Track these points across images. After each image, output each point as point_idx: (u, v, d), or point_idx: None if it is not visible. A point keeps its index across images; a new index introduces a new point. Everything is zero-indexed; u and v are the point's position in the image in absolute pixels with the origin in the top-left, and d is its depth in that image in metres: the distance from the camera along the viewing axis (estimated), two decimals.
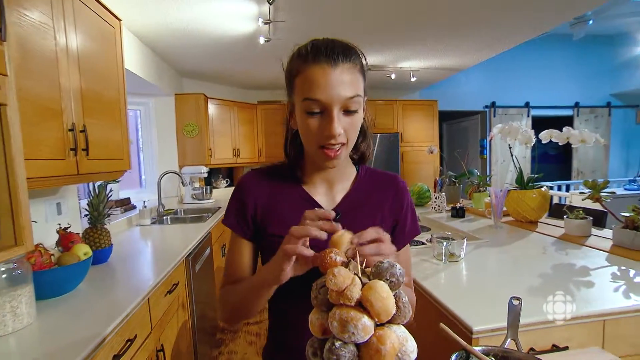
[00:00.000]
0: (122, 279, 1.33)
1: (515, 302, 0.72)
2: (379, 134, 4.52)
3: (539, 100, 5.51)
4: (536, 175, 2.12)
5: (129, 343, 1.01)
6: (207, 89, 4.02)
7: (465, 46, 3.14)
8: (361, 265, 0.38)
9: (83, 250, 1.16)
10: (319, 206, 0.67)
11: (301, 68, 0.59)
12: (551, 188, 5.15)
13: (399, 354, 0.34)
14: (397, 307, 0.35)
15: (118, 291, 1.20)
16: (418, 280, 1.19)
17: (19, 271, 0.98)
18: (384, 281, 0.34)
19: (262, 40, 2.50)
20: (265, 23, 2.27)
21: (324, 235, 0.45)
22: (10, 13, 1.00)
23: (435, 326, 1.05)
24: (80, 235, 1.30)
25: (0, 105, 0.85)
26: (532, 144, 2.04)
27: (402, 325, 0.36)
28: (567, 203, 3.38)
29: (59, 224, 1.25)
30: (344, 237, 0.43)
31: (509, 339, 0.64)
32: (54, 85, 1.17)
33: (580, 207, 1.83)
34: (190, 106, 3.60)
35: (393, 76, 3.80)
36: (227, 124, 4.05)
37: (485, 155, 5.47)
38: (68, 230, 1.23)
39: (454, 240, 1.43)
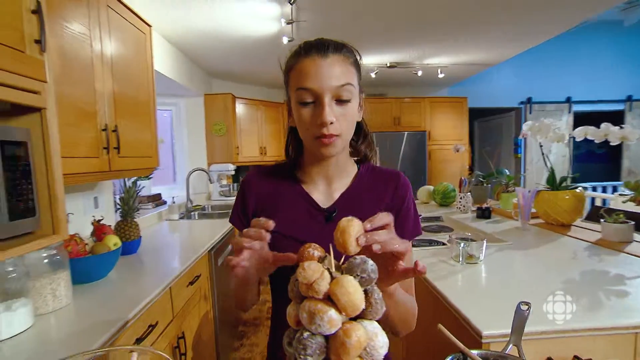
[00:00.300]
0: (148, 269, 1.43)
1: (524, 307, 0.69)
2: (405, 132, 4.43)
3: (583, 94, 5.12)
4: (571, 175, 2.00)
5: (150, 328, 1.09)
6: (235, 88, 4.15)
7: (496, 40, 3.00)
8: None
9: (113, 241, 1.26)
10: (316, 204, 0.68)
11: (294, 63, 0.62)
12: (594, 189, 4.79)
13: (367, 349, 0.35)
14: (369, 303, 0.36)
15: (143, 280, 1.29)
16: (431, 281, 1.17)
17: (58, 257, 1.08)
18: (354, 277, 0.35)
19: (285, 40, 2.54)
20: (288, 23, 2.31)
21: (255, 245, 0.48)
22: (54, 26, 1.11)
23: (447, 328, 1.03)
24: (112, 227, 1.41)
25: (40, 109, 0.95)
26: (565, 142, 1.92)
27: (375, 321, 0.37)
28: (608, 206, 3.13)
29: (94, 216, 1.36)
30: (352, 223, 0.40)
31: (510, 345, 0.62)
32: (89, 90, 1.27)
33: (621, 210, 1.69)
34: (218, 106, 3.74)
35: (420, 73, 3.70)
36: (254, 123, 4.17)
37: (519, 154, 5.19)
38: (101, 222, 1.34)
39: (473, 241, 1.39)
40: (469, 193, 2.37)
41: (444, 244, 1.64)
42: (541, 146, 2.11)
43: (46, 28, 0.93)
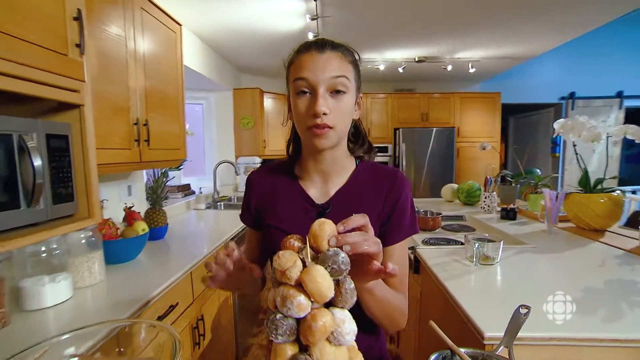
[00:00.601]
0: (173, 254, 1.54)
1: (522, 311, 0.68)
2: (434, 128, 4.32)
3: (636, 88, 4.67)
4: (609, 177, 1.87)
5: (171, 308, 1.18)
6: (263, 83, 4.25)
7: (534, 32, 2.83)
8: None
9: (141, 227, 1.37)
10: (311, 200, 0.71)
11: (294, 58, 0.66)
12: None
13: (334, 334, 0.38)
14: (339, 292, 0.39)
15: (167, 264, 1.39)
16: (441, 279, 1.17)
17: (93, 239, 1.20)
18: (326, 267, 0.38)
19: (310, 35, 2.56)
20: (313, 19, 2.33)
21: (220, 273, 0.55)
22: (94, 30, 1.22)
23: (452, 328, 1.04)
24: (142, 214, 1.53)
25: (79, 106, 1.05)
26: (601, 141, 1.80)
27: (346, 309, 0.40)
28: None
29: (126, 203, 1.49)
30: (323, 226, 0.43)
31: (502, 347, 0.62)
32: (123, 87, 1.38)
33: None
34: (246, 100, 3.85)
35: (449, 68, 3.58)
36: (281, 117, 4.24)
37: (557, 154, 4.88)
38: (132, 209, 1.46)
39: (490, 242, 1.36)
40: (494, 193, 2.29)
41: (462, 243, 1.61)
42: (574, 145, 1.99)
43: (85, 32, 1.03)
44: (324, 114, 0.61)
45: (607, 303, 0.98)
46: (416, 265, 1.57)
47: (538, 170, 2.46)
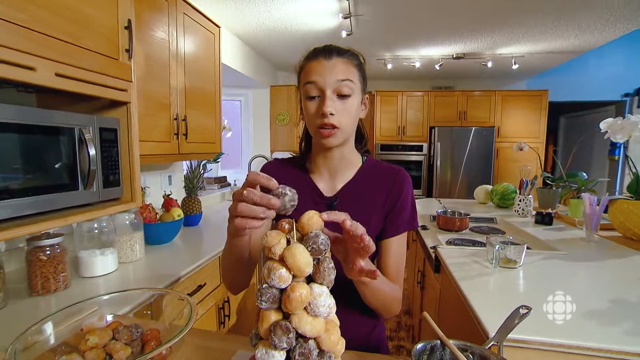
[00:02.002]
0: (204, 240, 1.68)
1: (522, 311, 0.68)
2: (473, 128, 4.15)
3: None
4: None
5: (199, 287, 1.31)
6: None
7: (591, 21, 2.57)
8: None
9: (177, 213, 1.52)
10: (320, 192, 0.77)
11: (304, 64, 0.72)
12: None
13: (311, 305, 0.43)
14: (319, 269, 0.45)
15: (199, 248, 1.53)
16: (456, 279, 1.16)
17: (136, 220, 1.36)
18: (307, 247, 0.44)
19: (344, 34, 2.60)
20: (345, 17, 2.36)
21: (269, 214, 0.48)
22: (143, 35, 1.38)
23: (464, 327, 1.04)
24: (179, 201, 1.69)
25: (127, 103, 1.20)
26: None
27: (324, 285, 0.45)
28: None
29: (164, 191, 1.65)
30: (313, 218, 0.46)
31: (492, 342, 0.63)
32: (165, 85, 1.53)
33: None
34: (282, 97, 3.98)
35: (490, 64, 3.41)
36: None
37: (617, 157, 4.44)
38: (170, 196, 1.62)
39: (513, 244, 1.32)
40: (530, 196, 2.18)
41: (483, 245, 1.57)
42: (625, 147, 1.84)
43: (134, 39, 1.17)
44: (331, 114, 0.67)
45: (635, 317, 0.92)
46: (437, 264, 1.56)
47: (584, 174, 2.29)
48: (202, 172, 1.81)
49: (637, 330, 0.86)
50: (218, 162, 2.83)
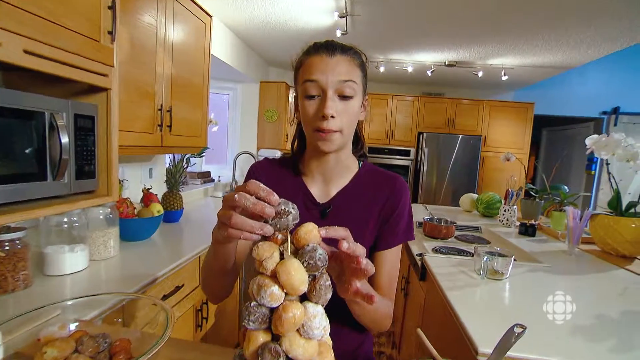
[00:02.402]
0: (184, 238, 1.60)
1: (517, 330, 0.66)
2: (460, 135, 4.20)
3: None
4: None
5: (176, 289, 1.24)
6: (290, 77, 4.27)
7: (578, 40, 2.66)
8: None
9: (157, 208, 1.43)
10: (313, 197, 0.72)
11: (304, 60, 0.66)
12: None
13: (304, 327, 0.39)
14: (314, 287, 0.40)
15: (178, 246, 1.45)
16: (444, 289, 1.15)
17: (111, 215, 1.27)
18: (303, 262, 0.39)
19: (338, 33, 2.56)
20: (341, 16, 2.33)
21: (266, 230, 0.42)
22: (128, 18, 1.29)
23: (450, 339, 1.02)
24: (160, 196, 1.60)
25: (107, 89, 1.12)
26: (638, 162, 1.68)
27: (320, 304, 0.41)
28: None
29: (144, 185, 1.56)
30: (311, 232, 0.42)
31: None
32: (151, 73, 1.44)
33: None
34: (272, 93, 3.90)
35: (480, 74, 3.46)
36: None
37: (593, 171, 4.60)
38: (150, 190, 1.53)
39: (501, 256, 1.32)
40: (514, 206, 2.20)
41: (471, 254, 1.57)
42: (607, 164, 1.89)
43: (118, 20, 1.08)
44: (332, 116, 0.62)
45: (619, 334, 0.93)
46: (422, 272, 1.55)
47: (565, 187, 2.34)
48: (185, 166, 1.73)
49: (620, 347, 0.87)
50: (202, 156, 2.73)
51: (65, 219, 1.12)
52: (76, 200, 1.03)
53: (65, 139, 0.94)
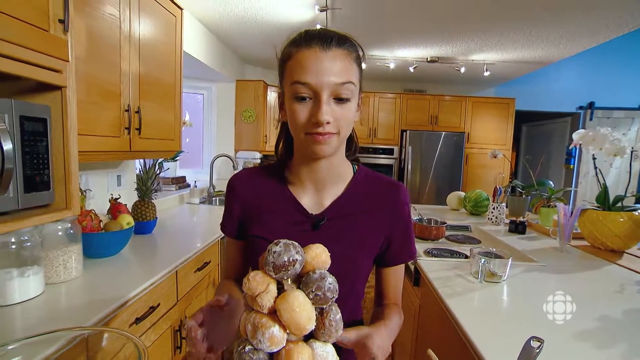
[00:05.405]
0: (159, 251, 1.46)
1: (534, 344, 0.59)
2: (443, 132, 4.20)
3: None
4: (632, 195, 1.75)
5: (151, 309, 1.10)
6: (267, 76, 4.14)
7: (556, 36, 2.69)
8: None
9: (126, 220, 1.29)
10: (303, 209, 0.62)
11: (293, 52, 0.56)
12: None
13: None
14: (323, 323, 0.31)
15: (152, 261, 1.31)
16: (442, 296, 1.08)
17: (72, 231, 1.12)
18: (308, 293, 0.30)
19: (318, 27, 2.46)
20: (321, 10, 2.23)
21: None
22: (85, 7, 1.14)
23: (450, 347, 0.95)
24: (130, 206, 1.45)
25: (61, 88, 0.97)
26: (625, 155, 1.69)
27: (329, 343, 0.31)
28: None
29: (112, 195, 1.41)
30: (321, 256, 0.36)
31: None
32: (115, 70, 1.30)
33: None
34: (249, 92, 3.75)
35: (463, 70, 3.46)
36: None
37: (571, 165, 4.73)
38: (119, 200, 1.38)
39: (497, 257, 1.26)
40: (503, 204, 2.18)
41: (466, 256, 1.52)
42: (594, 159, 1.88)
43: (71, 8, 0.94)
44: (327, 123, 0.53)
45: (627, 337, 0.88)
46: (416, 277, 1.48)
47: (551, 183, 2.34)
48: (158, 172, 1.58)
49: (634, 351, 0.82)
50: (177, 160, 2.57)
51: (13, 239, 0.96)
52: (26, 217, 0.89)
53: (8, 146, 0.80)
